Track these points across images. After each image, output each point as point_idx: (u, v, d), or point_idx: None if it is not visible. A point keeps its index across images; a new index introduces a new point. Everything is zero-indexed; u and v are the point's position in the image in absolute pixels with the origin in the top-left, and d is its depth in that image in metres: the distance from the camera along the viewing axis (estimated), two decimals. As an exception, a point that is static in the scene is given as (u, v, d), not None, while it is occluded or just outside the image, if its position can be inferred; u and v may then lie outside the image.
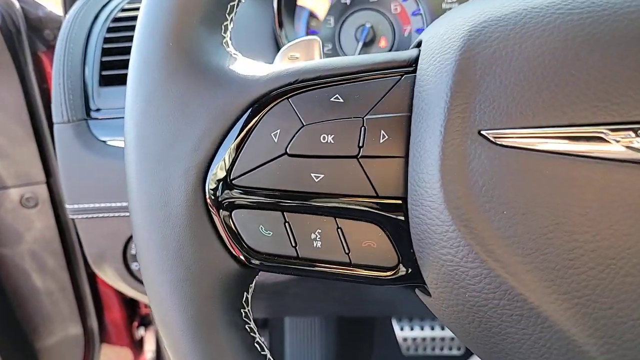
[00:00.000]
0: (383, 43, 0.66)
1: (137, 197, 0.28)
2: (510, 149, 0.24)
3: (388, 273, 0.29)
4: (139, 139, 0.28)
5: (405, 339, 1.05)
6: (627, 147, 0.23)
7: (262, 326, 1.18)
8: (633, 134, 0.23)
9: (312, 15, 0.67)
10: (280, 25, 0.62)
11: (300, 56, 0.36)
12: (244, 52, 0.36)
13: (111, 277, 0.71)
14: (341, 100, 0.29)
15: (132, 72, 0.29)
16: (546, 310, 0.24)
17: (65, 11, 0.78)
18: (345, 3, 0.66)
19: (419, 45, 0.31)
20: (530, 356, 0.25)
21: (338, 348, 1.23)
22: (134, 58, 0.29)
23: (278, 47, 0.64)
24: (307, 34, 0.66)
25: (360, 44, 0.65)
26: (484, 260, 0.25)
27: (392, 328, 1.05)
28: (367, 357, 1.24)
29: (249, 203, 0.29)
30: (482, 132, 0.25)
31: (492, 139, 0.25)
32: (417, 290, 0.32)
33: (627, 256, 0.23)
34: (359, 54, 0.65)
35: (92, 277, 0.95)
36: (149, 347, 1.11)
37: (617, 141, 0.24)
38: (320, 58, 0.37)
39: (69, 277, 0.91)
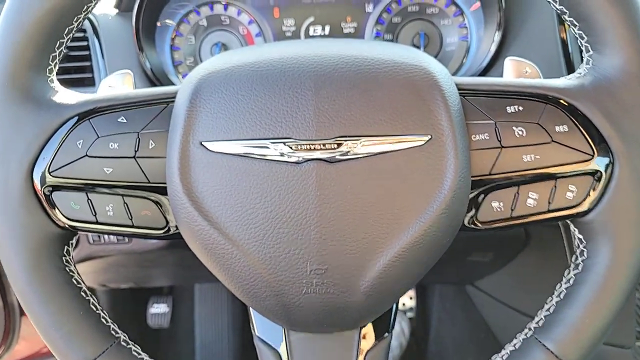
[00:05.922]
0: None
1: None
2: (219, 154, 0.41)
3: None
4: None
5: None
6: (280, 152, 0.41)
7: (167, 294, 1.33)
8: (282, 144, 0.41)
9: (176, 34, 0.82)
10: (141, 49, 0.77)
11: (116, 86, 0.51)
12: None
13: None
14: (125, 120, 0.45)
15: None
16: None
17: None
18: (203, 25, 0.82)
19: None
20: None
21: (245, 315, 1.39)
22: None
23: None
24: (171, 50, 0.82)
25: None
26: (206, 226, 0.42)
27: None
28: None
29: (62, 185, 0.45)
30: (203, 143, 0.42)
31: (208, 147, 0.42)
32: None
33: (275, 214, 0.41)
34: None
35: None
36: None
37: (275, 149, 0.41)
38: (133, 88, 0.52)
39: None
